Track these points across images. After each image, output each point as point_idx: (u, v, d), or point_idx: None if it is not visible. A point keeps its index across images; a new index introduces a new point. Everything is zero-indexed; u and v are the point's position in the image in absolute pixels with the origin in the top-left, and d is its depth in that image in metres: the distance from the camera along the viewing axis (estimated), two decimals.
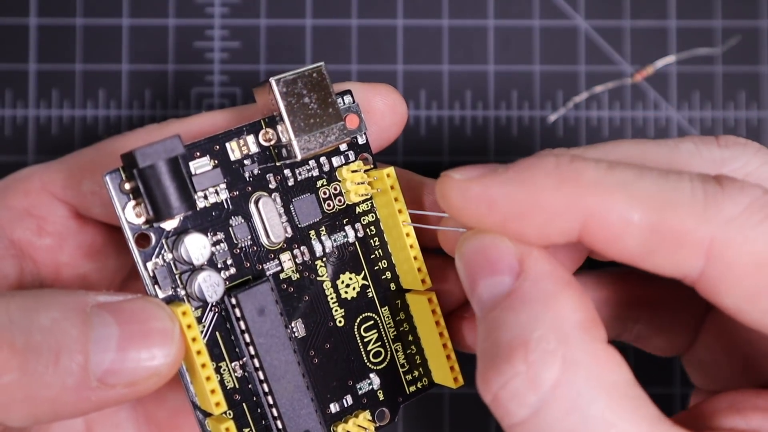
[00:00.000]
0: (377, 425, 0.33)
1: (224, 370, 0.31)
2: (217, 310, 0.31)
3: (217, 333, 0.31)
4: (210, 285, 0.31)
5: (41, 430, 0.35)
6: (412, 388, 0.34)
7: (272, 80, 0.31)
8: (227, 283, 0.31)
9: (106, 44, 0.43)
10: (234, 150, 0.31)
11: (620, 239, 0.28)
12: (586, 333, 0.27)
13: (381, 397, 0.34)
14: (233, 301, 0.31)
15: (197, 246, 0.30)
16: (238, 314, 0.31)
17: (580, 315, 0.28)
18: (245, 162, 0.32)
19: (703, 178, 0.28)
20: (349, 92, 0.33)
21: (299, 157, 0.31)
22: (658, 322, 0.35)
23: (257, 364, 0.31)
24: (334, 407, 0.33)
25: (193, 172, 0.31)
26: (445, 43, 0.44)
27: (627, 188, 0.27)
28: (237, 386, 0.31)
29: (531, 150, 0.44)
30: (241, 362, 0.31)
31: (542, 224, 0.28)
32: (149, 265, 0.30)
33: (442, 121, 0.44)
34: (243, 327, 0.31)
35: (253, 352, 0.31)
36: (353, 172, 0.33)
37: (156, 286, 0.30)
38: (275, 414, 0.31)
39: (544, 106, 0.44)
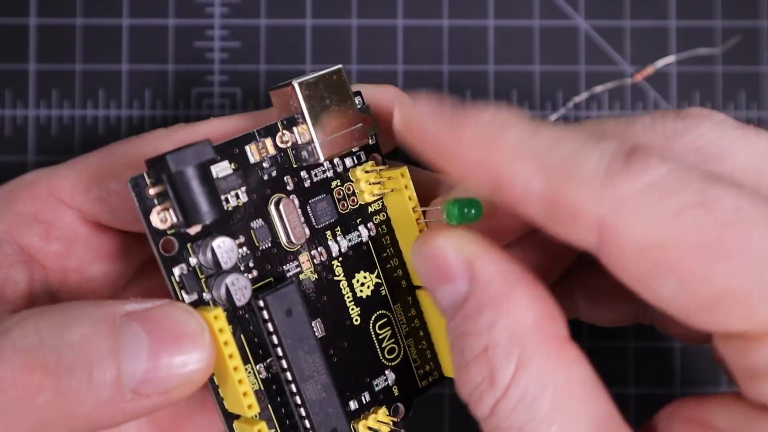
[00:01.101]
0: (394, 418, 0.34)
1: (249, 372, 0.31)
2: (242, 312, 0.31)
3: (241, 336, 0.31)
4: (238, 288, 0.30)
5: None
6: (424, 383, 0.35)
7: (295, 83, 0.32)
8: (252, 284, 0.31)
9: (106, 44, 0.43)
10: (253, 153, 0.32)
11: (523, 205, 0.28)
12: (540, 331, 0.28)
13: (396, 392, 0.34)
14: (261, 303, 0.31)
15: (225, 249, 0.30)
16: (266, 316, 0.31)
17: (532, 314, 0.28)
18: (264, 164, 0.32)
19: (615, 150, 0.26)
20: (359, 93, 0.33)
21: (322, 159, 0.32)
22: (593, 292, 0.36)
23: (285, 365, 0.31)
24: (353, 404, 0.33)
25: (215, 176, 0.31)
26: (445, 43, 0.44)
27: (538, 156, 0.27)
28: (262, 388, 0.31)
29: None
30: (265, 364, 0.31)
31: (462, 172, 0.29)
32: (175, 270, 0.30)
33: None
34: (271, 328, 0.31)
35: (281, 353, 0.31)
36: (367, 172, 0.33)
37: (183, 291, 0.30)
38: (303, 414, 0.31)
39: (544, 106, 0.44)
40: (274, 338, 0.31)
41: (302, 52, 0.44)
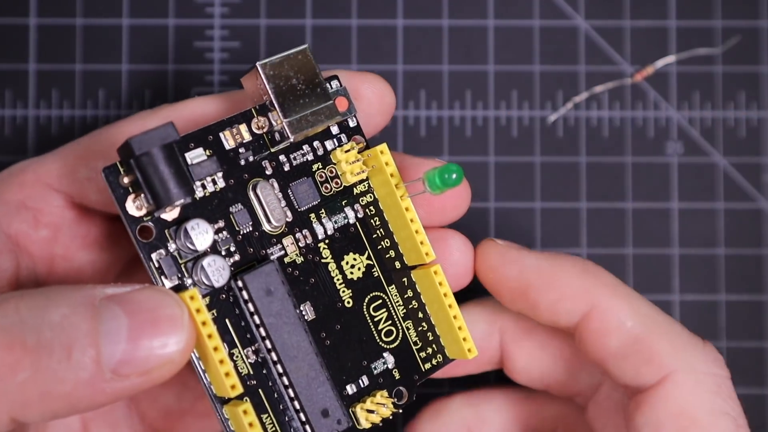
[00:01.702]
0: (396, 403, 0.33)
1: (237, 356, 0.31)
2: (224, 296, 0.31)
3: (226, 320, 0.31)
4: (216, 269, 0.31)
5: (39, 428, 0.35)
6: (427, 366, 0.34)
7: (258, 64, 0.32)
8: (232, 268, 0.31)
9: (106, 44, 0.43)
10: (228, 139, 0.32)
11: (608, 335, 0.33)
12: None
13: (397, 375, 0.34)
14: (239, 283, 0.31)
15: (200, 231, 0.31)
16: (246, 296, 0.31)
17: None
18: (240, 150, 0.32)
19: (691, 332, 0.34)
20: (336, 77, 0.33)
21: (291, 138, 0.32)
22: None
23: (269, 345, 0.31)
24: (351, 389, 0.33)
25: (189, 163, 0.31)
26: (445, 43, 0.44)
27: (632, 300, 0.34)
28: (251, 372, 0.31)
29: (531, 150, 0.44)
30: (253, 347, 0.31)
31: (555, 300, 0.34)
32: (153, 256, 0.30)
33: (442, 121, 0.44)
34: (252, 309, 0.31)
35: (264, 334, 0.31)
36: (346, 152, 0.33)
37: (162, 277, 0.30)
38: (292, 395, 0.31)
39: (544, 106, 0.44)
40: (256, 318, 0.31)
41: None
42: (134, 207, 0.30)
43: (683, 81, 0.44)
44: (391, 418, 0.33)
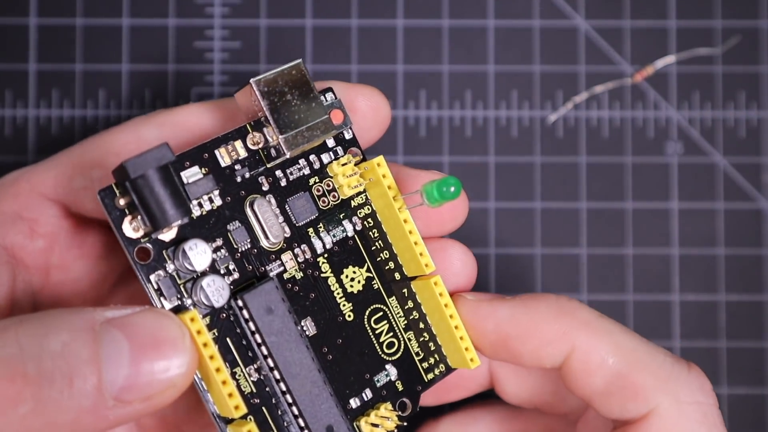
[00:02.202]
0: (400, 416, 0.33)
1: (239, 375, 0.31)
2: (225, 315, 0.31)
3: (228, 339, 0.31)
4: (215, 290, 0.30)
5: None
6: (430, 376, 0.34)
7: (252, 81, 0.32)
8: (232, 287, 0.31)
9: (106, 44, 0.43)
10: (223, 156, 0.32)
11: (592, 374, 0.33)
12: None
13: (400, 387, 0.34)
14: (239, 303, 0.31)
15: (198, 251, 0.30)
16: (246, 315, 0.31)
17: None
18: (236, 167, 0.32)
19: (676, 358, 0.33)
20: (330, 89, 0.33)
21: (288, 154, 0.32)
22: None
23: (271, 364, 0.31)
24: (354, 402, 0.33)
25: (185, 182, 0.31)
26: (445, 43, 0.44)
27: (612, 336, 0.33)
28: (254, 390, 0.31)
29: (531, 150, 0.44)
30: (255, 366, 0.31)
31: (536, 348, 0.33)
32: (152, 277, 0.30)
33: (442, 121, 0.44)
34: (253, 328, 0.31)
35: (266, 352, 0.31)
36: (343, 165, 0.33)
37: (162, 298, 0.30)
38: (296, 412, 0.31)
39: (544, 106, 0.44)
40: (258, 337, 0.31)
41: (302, 52, 0.44)
42: (131, 228, 0.30)
43: (683, 81, 0.44)
44: (396, 431, 0.33)
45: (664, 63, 0.44)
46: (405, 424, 0.33)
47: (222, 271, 0.31)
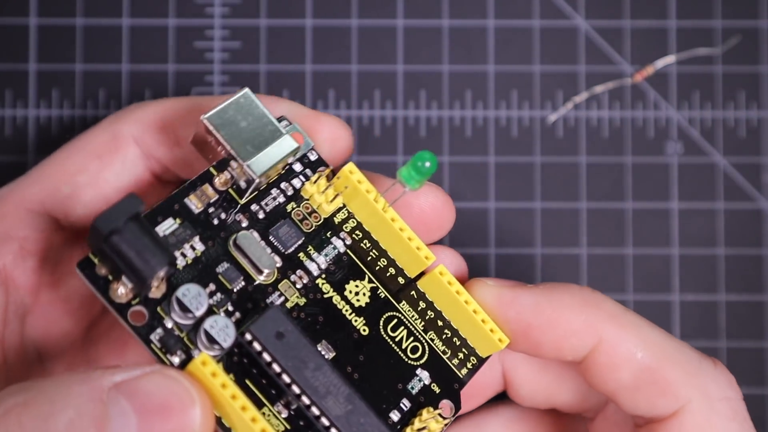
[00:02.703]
0: (446, 419, 0.32)
1: (269, 415, 0.30)
2: (237, 358, 0.30)
3: (247, 381, 0.30)
4: (219, 330, 0.29)
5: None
6: (464, 371, 0.33)
7: (203, 118, 0.31)
8: (236, 325, 0.30)
9: (106, 44, 0.43)
10: (194, 203, 0.31)
11: (619, 369, 0.32)
12: None
13: (437, 390, 0.32)
14: (248, 337, 0.29)
15: (192, 295, 0.29)
16: (258, 348, 0.29)
17: None
18: (209, 210, 0.31)
19: (701, 354, 0.33)
20: (283, 118, 0.33)
21: (257, 177, 0.31)
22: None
23: (297, 390, 0.29)
24: (394, 415, 0.31)
25: (162, 235, 0.30)
26: (445, 43, 0.44)
27: (639, 329, 0.32)
28: (289, 427, 0.30)
29: (531, 150, 0.44)
30: (283, 402, 0.30)
31: (559, 338, 0.32)
32: (152, 337, 0.29)
33: (442, 121, 0.44)
34: (268, 358, 0.29)
35: (288, 380, 0.29)
36: (315, 183, 0.33)
37: (167, 355, 0.29)
38: None
39: (544, 106, 0.44)
40: (276, 367, 0.29)
41: (302, 52, 0.44)
42: (119, 294, 0.29)
43: (683, 81, 0.44)
44: (445, 430, 0.32)
45: (664, 63, 0.44)
46: (452, 420, 0.32)
47: (222, 314, 0.30)
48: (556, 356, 0.33)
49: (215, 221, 0.31)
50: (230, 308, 0.30)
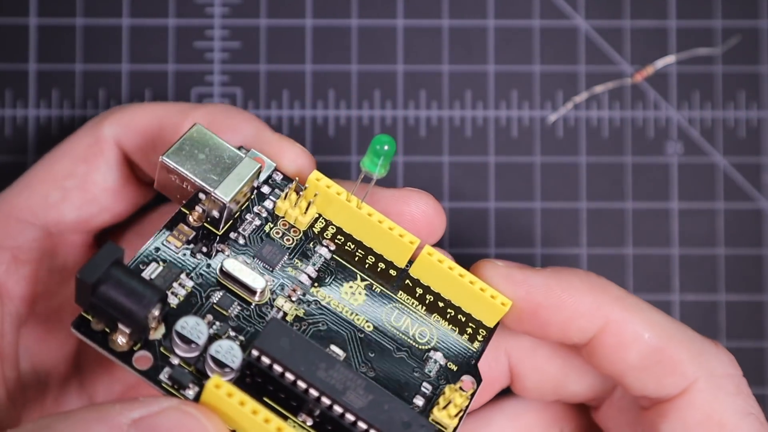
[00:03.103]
0: (468, 394, 0.32)
1: (295, 426, 0.30)
2: (250, 380, 0.30)
3: (266, 399, 0.30)
4: (225, 352, 0.29)
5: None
6: (476, 345, 0.33)
7: (161, 158, 0.32)
8: (240, 345, 0.30)
9: (106, 44, 0.43)
10: (173, 243, 0.32)
11: (626, 349, 0.33)
12: None
13: (454, 368, 0.33)
14: (255, 353, 0.29)
15: (191, 326, 0.29)
16: (268, 361, 0.29)
17: None
18: (190, 246, 0.32)
19: (701, 335, 0.33)
20: (241, 148, 0.34)
21: (227, 202, 0.31)
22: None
23: (316, 393, 0.29)
24: (418, 401, 0.32)
25: (149, 278, 0.31)
26: (445, 43, 0.44)
27: (643, 312, 0.33)
28: None
29: (531, 150, 0.44)
30: (305, 411, 0.30)
31: (567, 319, 0.33)
32: (161, 377, 0.29)
33: (442, 121, 0.44)
34: (280, 369, 0.29)
35: (304, 386, 0.29)
36: (285, 199, 0.33)
37: (181, 391, 0.29)
38: (364, 427, 0.29)
39: (544, 106, 0.44)
40: (289, 375, 0.29)
41: (302, 52, 0.44)
42: (119, 344, 0.29)
43: (683, 81, 0.44)
44: (469, 404, 0.31)
45: (664, 63, 0.44)
46: (473, 394, 0.32)
47: (225, 339, 0.30)
48: (562, 338, 0.33)
49: (198, 256, 0.32)
50: (232, 334, 0.31)
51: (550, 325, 0.33)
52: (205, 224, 0.32)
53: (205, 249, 0.32)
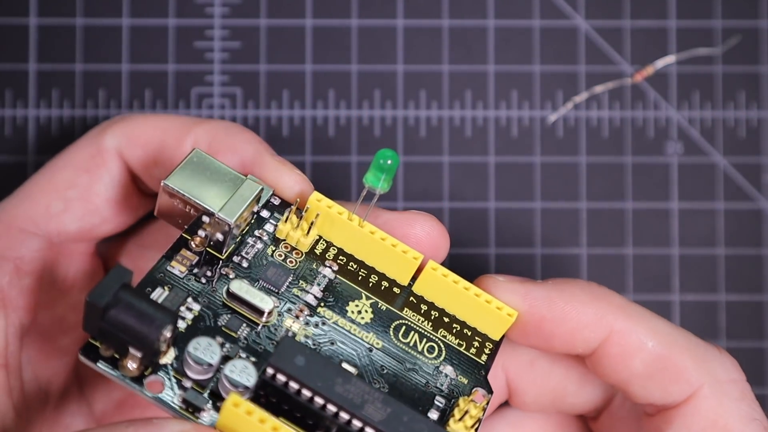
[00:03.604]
0: (481, 405, 0.32)
1: None
2: (265, 399, 0.30)
3: (284, 418, 0.30)
4: (240, 371, 0.29)
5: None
6: (484, 357, 0.33)
7: (163, 183, 0.32)
8: (254, 365, 0.30)
9: (106, 44, 0.43)
10: (177, 268, 0.32)
11: (630, 358, 0.33)
12: None
13: (464, 381, 0.33)
14: (270, 371, 0.29)
15: (204, 347, 0.29)
16: (283, 379, 0.29)
17: None
18: (194, 271, 0.32)
19: (704, 341, 0.33)
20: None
21: (232, 223, 0.32)
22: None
23: (333, 409, 0.29)
24: (433, 414, 0.32)
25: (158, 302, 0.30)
26: (445, 43, 0.44)
27: (647, 320, 0.33)
28: None
29: (531, 150, 0.44)
30: (322, 429, 0.30)
31: (572, 330, 0.33)
32: (176, 401, 0.29)
33: (442, 121, 0.44)
34: (296, 386, 0.29)
35: (321, 402, 0.29)
36: (286, 222, 0.33)
37: (196, 413, 0.29)
38: None
39: (544, 106, 0.44)
40: (306, 392, 0.29)
41: (302, 52, 0.44)
42: (129, 369, 0.29)
43: (683, 81, 0.44)
44: (483, 414, 0.32)
45: (664, 63, 0.44)
46: (486, 405, 0.32)
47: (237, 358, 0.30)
48: (567, 349, 0.33)
49: (203, 280, 0.32)
50: (243, 355, 0.31)
51: (554, 338, 0.33)
52: (207, 249, 0.32)
53: (209, 273, 0.32)
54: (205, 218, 0.32)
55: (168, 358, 0.30)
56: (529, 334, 0.33)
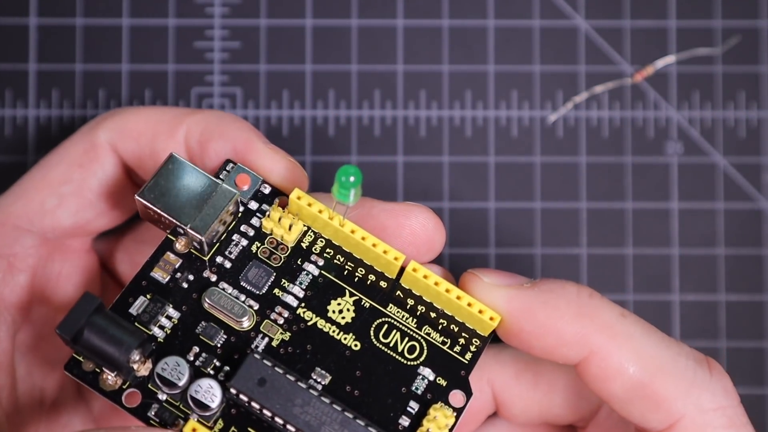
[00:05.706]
0: (457, 408, 0.32)
1: None
2: (235, 411, 0.31)
3: (250, 430, 0.31)
4: (205, 392, 0.30)
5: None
6: (468, 356, 0.33)
7: (136, 197, 0.32)
8: (221, 380, 0.31)
9: (106, 44, 0.43)
10: (159, 274, 0.32)
11: (610, 382, 0.31)
12: None
13: (443, 382, 0.32)
14: (233, 391, 0.30)
15: (171, 368, 0.30)
16: (246, 398, 0.30)
17: None
18: (177, 276, 0.32)
19: (697, 359, 0.32)
20: (229, 161, 0.33)
21: (203, 237, 0.32)
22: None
23: (293, 430, 0.30)
24: (404, 421, 0.31)
25: (135, 314, 0.31)
26: (445, 43, 0.44)
27: (632, 341, 0.31)
28: None
29: (531, 150, 0.44)
30: None
31: (551, 345, 0.31)
32: (150, 414, 0.30)
33: (442, 121, 0.44)
34: (257, 406, 0.30)
35: (281, 422, 0.30)
36: (269, 217, 0.33)
37: (167, 429, 0.30)
38: None
39: (544, 106, 0.44)
40: (267, 412, 0.30)
41: (302, 52, 0.44)
42: (109, 383, 0.30)
43: (683, 81, 0.44)
44: (455, 423, 0.31)
45: (664, 63, 0.44)
46: (463, 409, 0.32)
47: (211, 372, 0.31)
48: (546, 358, 0.32)
49: (185, 285, 0.32)
50: (217, 364, 0.31)
51: (533, 348, 0.32)
52: (191, 250, 0.32)
53: (191, 277, 0.32)
54: (180, 229, 0.32)
55: (144, 370, 0.31)
56: (509, 338, 0.32)
